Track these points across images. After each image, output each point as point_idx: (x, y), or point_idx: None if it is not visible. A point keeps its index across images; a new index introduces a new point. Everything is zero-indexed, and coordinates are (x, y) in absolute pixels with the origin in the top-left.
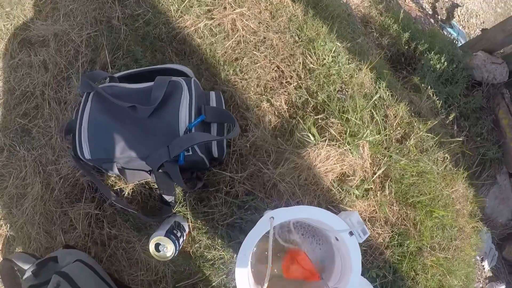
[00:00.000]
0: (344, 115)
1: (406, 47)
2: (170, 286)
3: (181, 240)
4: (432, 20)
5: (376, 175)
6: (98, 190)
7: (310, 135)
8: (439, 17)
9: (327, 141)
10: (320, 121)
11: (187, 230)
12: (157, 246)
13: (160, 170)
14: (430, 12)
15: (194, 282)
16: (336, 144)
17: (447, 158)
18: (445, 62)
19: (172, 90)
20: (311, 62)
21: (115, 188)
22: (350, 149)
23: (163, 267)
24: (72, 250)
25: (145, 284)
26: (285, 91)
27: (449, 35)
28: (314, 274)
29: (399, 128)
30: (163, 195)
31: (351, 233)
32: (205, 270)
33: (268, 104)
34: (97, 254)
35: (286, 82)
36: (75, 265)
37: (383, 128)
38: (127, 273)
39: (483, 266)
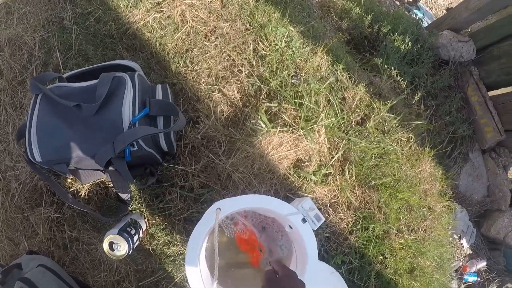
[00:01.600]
0: (298, 100)
1: (370, 30)
2: (133, 285)
3: (135, 237)
4: (398, 3)
5: (333, 159)
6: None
7: (261, 122)
8: None
9: (279, 128)
10: (273, 107)
11: (144, 227)
12: (111, 244)
13: (111, 168)
14: None
15: (157, 280)
16: (289, 130)
17: (411, 138)
18: (409, 43)
19: (116, 86)
20: (263, 49)
21: (71, 190)
22: (304, 134)
23: (125, 266)
24: (35, 255)
25: (108, 285)
26: (237, 80)
27: (415, 16)
28: (254, 247)
29: (358, 110)
30: (119, 193)
31: (304, 220)
32: (166, 267)
33: (220, 94)
34: (60, 258)
35: (237, 71)
36: (38, 270)
37: (339, 111)
38: (90, 275)
39: (461, 244)
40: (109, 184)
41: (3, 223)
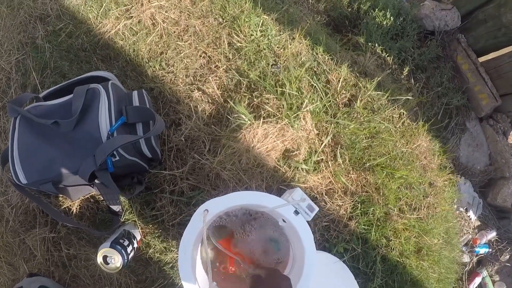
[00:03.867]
0: (280, 88)
1: (349, 9)
2: None
3: (129, 248)
4: None
5: (323, 145)
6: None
7: (242, 115)
8: None
9: (262, 119)
10: (255, 99)
11: (138, 237)
12: (105, 258)
13: (97, 181)
14: None
15: None
16: (273, 120)
17: (403, 113)
18: (391, 17)
19: (91, 98)
20: (238, 41)
21: (63, 208)
22: (289, 123)
23: (125, 278)
24: (36, 277)
25: None
26: (216, 76)
27: None
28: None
29: (344, 92)
30: (109, 206)
31: (296, 212)
32: (166, 275)
33: (200, 92)
34: (61, 277)
35: (215, 67)
36: None
37: (324, 95)
38: None
39: (469, 216)
40: (99, 198)
41: (0, 249)
